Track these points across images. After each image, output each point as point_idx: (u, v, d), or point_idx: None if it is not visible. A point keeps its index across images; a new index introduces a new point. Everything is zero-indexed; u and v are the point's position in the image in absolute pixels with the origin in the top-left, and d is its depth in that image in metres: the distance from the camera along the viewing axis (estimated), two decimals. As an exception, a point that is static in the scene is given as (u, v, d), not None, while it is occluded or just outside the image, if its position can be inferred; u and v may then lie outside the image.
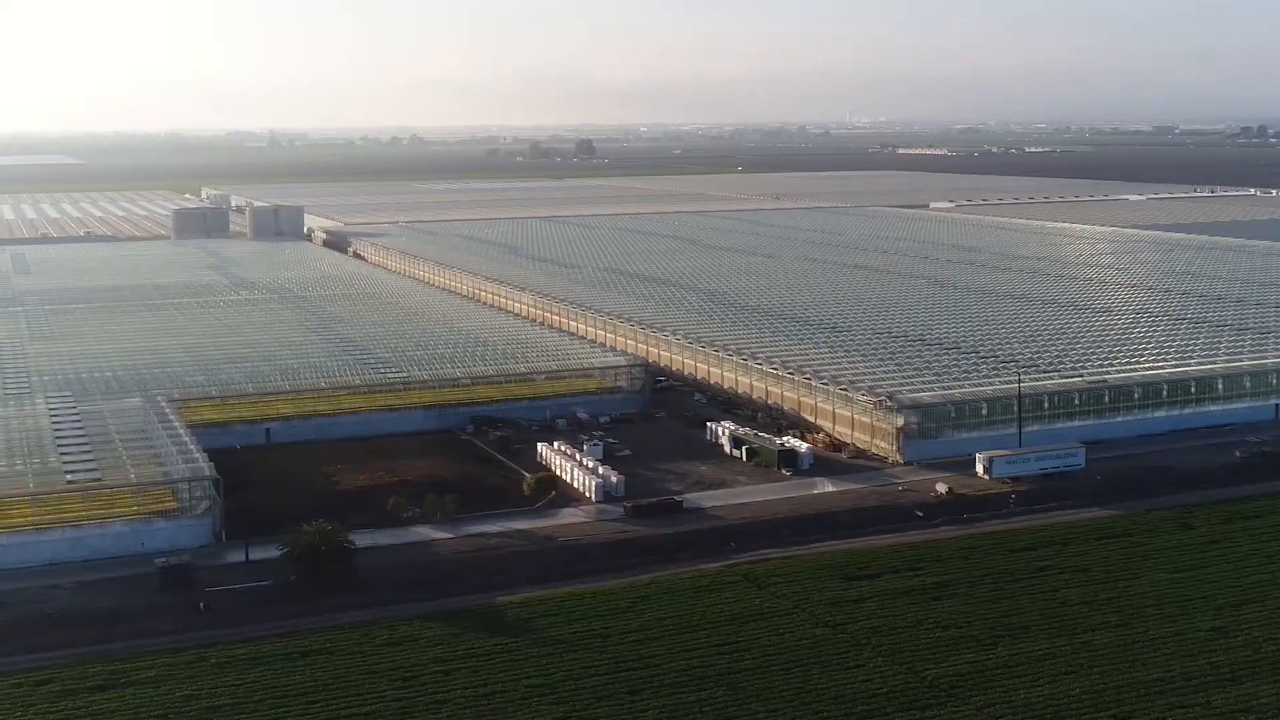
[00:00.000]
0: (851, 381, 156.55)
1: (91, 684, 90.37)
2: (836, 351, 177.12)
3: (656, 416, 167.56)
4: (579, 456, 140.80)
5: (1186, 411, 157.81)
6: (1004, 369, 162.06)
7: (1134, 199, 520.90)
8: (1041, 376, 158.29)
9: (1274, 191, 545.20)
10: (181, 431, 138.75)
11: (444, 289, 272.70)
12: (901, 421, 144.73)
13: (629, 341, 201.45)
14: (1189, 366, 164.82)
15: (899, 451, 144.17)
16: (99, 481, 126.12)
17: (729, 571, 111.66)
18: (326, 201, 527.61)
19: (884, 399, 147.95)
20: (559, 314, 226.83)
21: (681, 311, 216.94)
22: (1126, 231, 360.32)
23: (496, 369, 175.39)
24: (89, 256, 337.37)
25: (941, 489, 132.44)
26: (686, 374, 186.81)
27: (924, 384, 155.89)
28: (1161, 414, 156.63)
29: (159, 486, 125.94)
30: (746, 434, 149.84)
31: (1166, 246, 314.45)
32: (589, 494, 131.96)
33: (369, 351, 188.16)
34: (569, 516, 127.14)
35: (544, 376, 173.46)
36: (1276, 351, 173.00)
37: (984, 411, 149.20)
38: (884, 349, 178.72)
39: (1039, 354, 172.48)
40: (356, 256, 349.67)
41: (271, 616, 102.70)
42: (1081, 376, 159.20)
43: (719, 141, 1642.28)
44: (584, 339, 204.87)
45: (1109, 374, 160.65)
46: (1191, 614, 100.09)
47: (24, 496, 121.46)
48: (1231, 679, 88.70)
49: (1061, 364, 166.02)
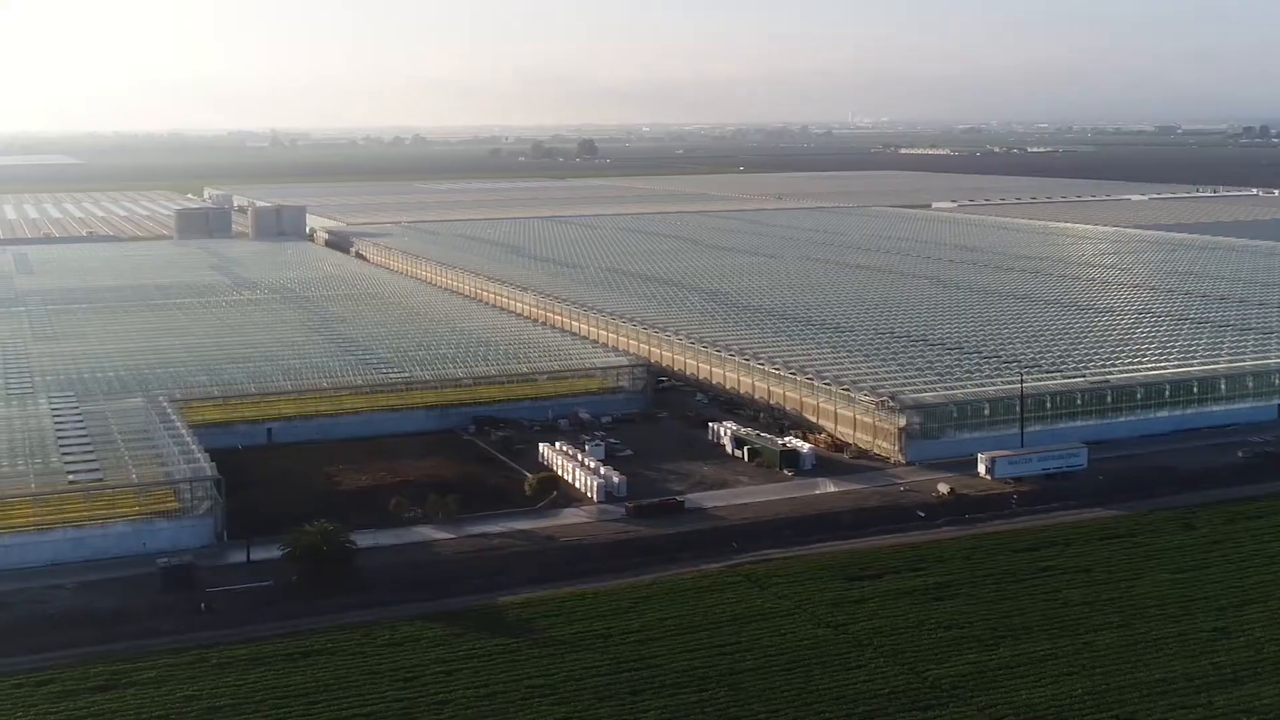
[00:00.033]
0: (853, 382, 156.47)
1: (93, 684, 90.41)
2: (839, 352, 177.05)
3: (658, 417, 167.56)
4: (581, 457, 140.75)
5: (1189, 412, 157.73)
6: (1006, 369, 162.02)
7: (1136, 199, 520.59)
8: (1044, 376, 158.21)
9: (1276, 191, 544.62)
10: (183, 431, 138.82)
11: (446, 289, 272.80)
12: (903, 422, 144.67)
13: (631, 342, 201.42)
14: (1191, 367, 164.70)
15: (901, 452, 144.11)
16: (101, 482, 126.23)
17: (731, 572, 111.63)
18: (329, 201, 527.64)
19: (886, 399, 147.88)
20: (561, 314, 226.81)
21: (683, 312, 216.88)
22: (1129, 231, 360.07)
23: (498, 369, 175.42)
24: (91, 256, 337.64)
25: (943, 489, 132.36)
26: (688, 374, 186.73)
27: (926, 384, 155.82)
28: (1164, 414, 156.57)
29: (161, 487, 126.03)
30: (748, 434, 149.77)
31: (1169, 246, 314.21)
32: (591, 494, 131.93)
33: (371, 352, 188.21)
34: (571, 517, 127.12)
35: (546, 377, 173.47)
36: (1279, 352, 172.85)
37: (986, 412, 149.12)
38: (886, 349, 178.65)
39: (1041, 354, 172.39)
40: (359, 257, 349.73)
41: (273, 617, 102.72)
42: (1084, 377, 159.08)
43: (721, 141, 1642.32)
44: (586, 339, 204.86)
45: (1111, 374, 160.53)
46: (1194, 614, 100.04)
47: (26, 496, 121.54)
48: (1234, 679, 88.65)
49: (1064, 364, 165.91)
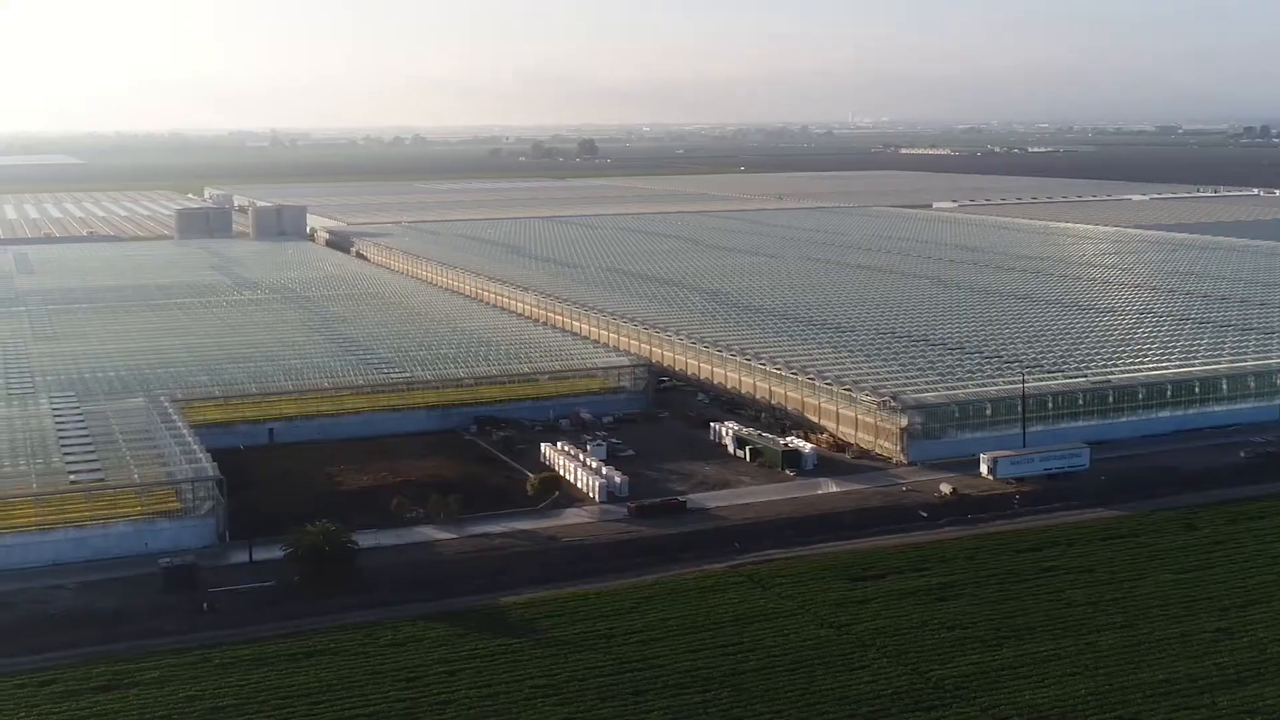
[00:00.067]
0: (855, 382, 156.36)
1: (95, 685, 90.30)
2: (840, 352, 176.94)
3: (660, 417, 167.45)
4: (582, 457, 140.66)
5: (1191, 412, 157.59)
6: (1008, 369, 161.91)
7: (1137, 199, 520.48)
8: (1045, 377, 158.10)
9: (1277, 191, 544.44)
10: (185, 431, 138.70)
11: (447, 289, 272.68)
12: (905, 422, 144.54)
13: (632, 342, 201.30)
14: (1193, 367, 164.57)
15: (903, 452, 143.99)
16: (102, 482, 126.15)
17: (733, 572, 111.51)
18: (329, 201, 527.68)
19: (888, 399, 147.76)
20: (562, 314, 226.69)
21: (685, 312, 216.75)
22: (1130, 231, 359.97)
23: (500, 369, 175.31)
24: (92, 256, 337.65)
25: (945, 489, 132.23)
26: (690, 374, 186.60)
27: (928, 384, 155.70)
28: (1166, 414, 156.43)
29: (162, 487, 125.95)
30: (750, 434, 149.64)
31: (1170, 246, 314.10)
32: (592, 494, 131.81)
33: (372, 351, 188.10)
34: (572, 517, 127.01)
35: (547, 377, 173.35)
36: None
37: (988, 412, 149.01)
38: (887, 349, 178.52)
39: (1043, 354, 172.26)
40: (359, 256, 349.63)
41: (275, 617, 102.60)
42: (1085, 377, 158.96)
43: (721, 141, 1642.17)
44: (587, 339, 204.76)
45: (1113, 374, 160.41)
46: (1197, 615, 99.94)
47: (27, 496, 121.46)
48: (1237, 680, 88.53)
49: (1065, 364, 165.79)
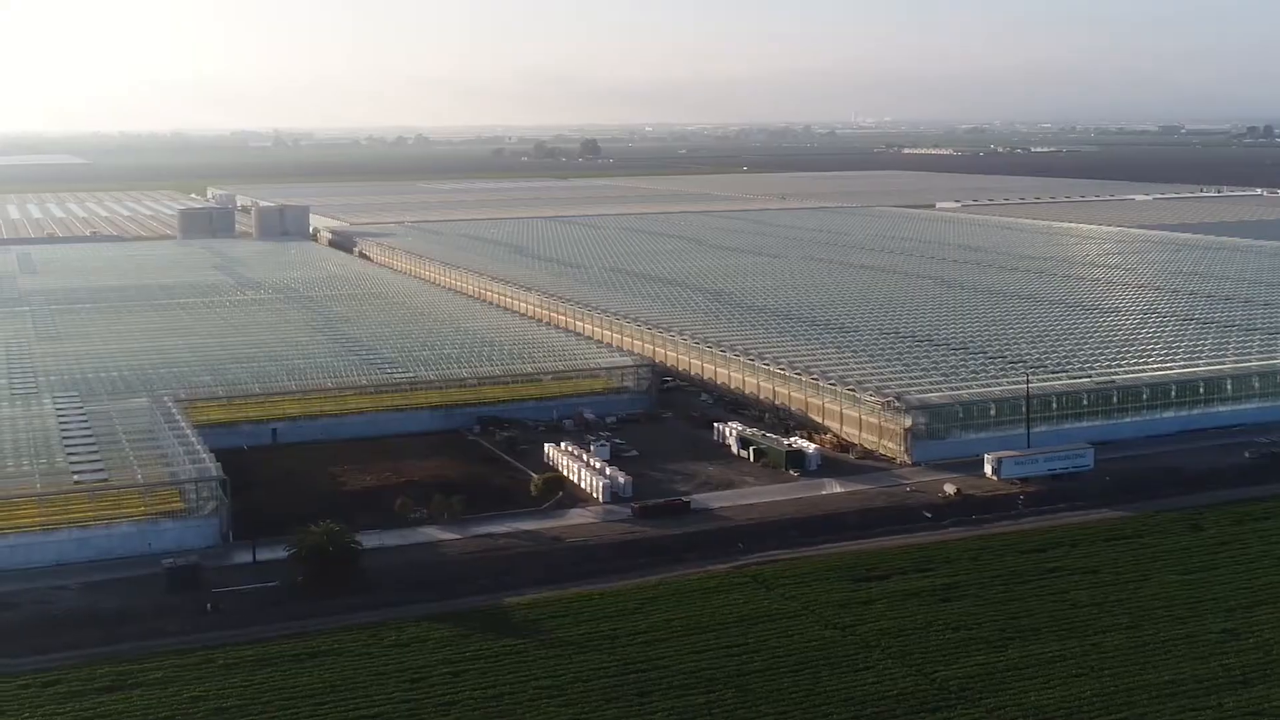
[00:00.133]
0: (859, 382, 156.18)
1: (99, 685, 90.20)
2: (844, 352, 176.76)
3: (663, 417, 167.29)
4: (586, 457, 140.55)
5: (1195, 412, 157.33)
6: (1012, 369, 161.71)
7: (1140, 199, 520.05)
8: (1049, 377, 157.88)
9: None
10: (188, 432, 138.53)
11: (450, 289, 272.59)
12: (909, 422, 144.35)
13: (635, 342, 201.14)
14: (1197, 367, 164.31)
15: (907, 452, 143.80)
16: (106, 482, 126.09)
17: (737, 573, 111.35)
18: (332, 201, 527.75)
19: (892, 399, 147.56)
20: (565, 314, 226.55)
21: (688, 312, 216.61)
22: (1133, 231, 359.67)
23: (503, 369, 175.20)
24: (95, 256, 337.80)
25: (950, 490, 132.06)
26: (693, 374, 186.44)
27: (932, 384, 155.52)
28: (1170, 414, 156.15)
29: (166, 487, 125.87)
30: (754, 434, 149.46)
31: (1173, 246, 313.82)
32: (596, 495, 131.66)
33: (375, 352, 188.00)
34: (576, 517, 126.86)
35: (550, 377, 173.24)
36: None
37: (992, 412, 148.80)
38: (891, 349, 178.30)
39: (1047, 354, 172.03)
40: (362, 256, 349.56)
41: (279, 617, 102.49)
42: (1089, 377, 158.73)
43: (724, 141, 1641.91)
44: (590, 339, 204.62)
45: (1117, 374, 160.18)
46: (1202, 616, 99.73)
47: (31, 497, 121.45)
48: (1243, 681, 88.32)
49: (1069, 364, 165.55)
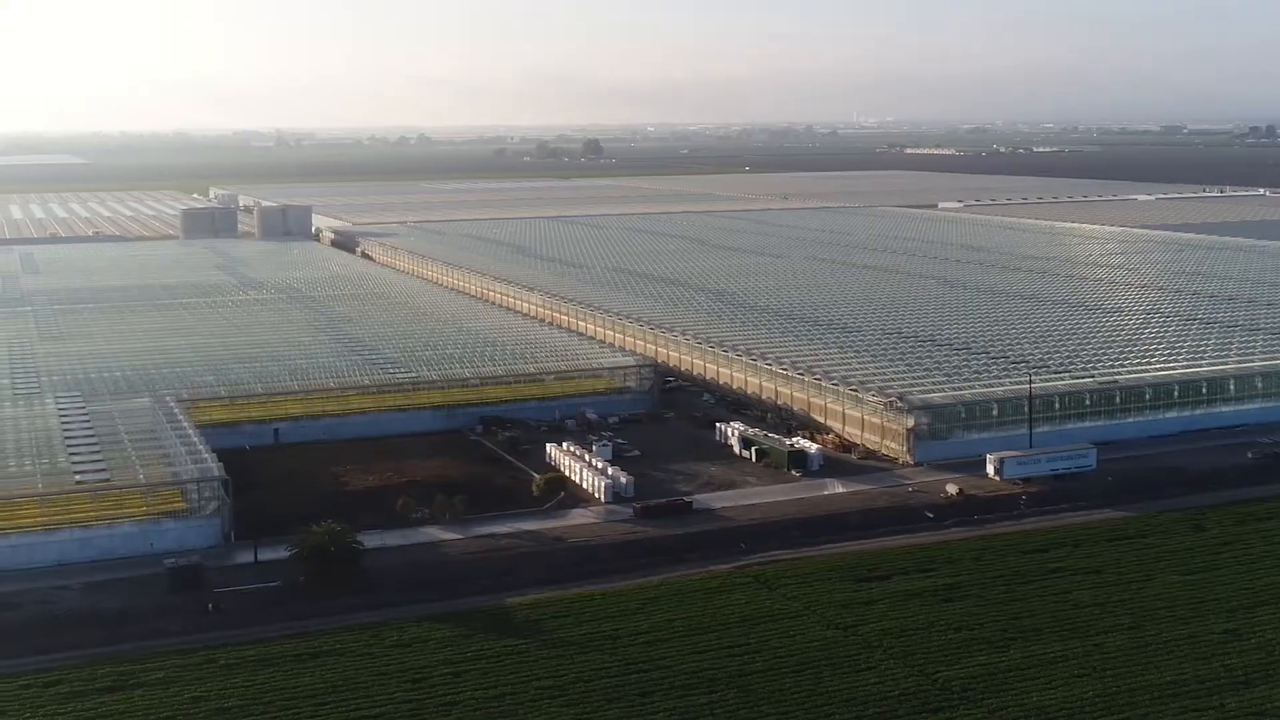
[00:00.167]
0: (861, 382, 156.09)
1: (100, 685, 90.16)
2: (846, 352, 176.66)
3: (665, 417, 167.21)
4: (588, 457, 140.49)
5: (1198, 412, 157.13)
6: (1014, 369, 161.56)
7: (1143, 199, 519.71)
8: (1052, 377, 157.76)
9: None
10: (190, 432, 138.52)
11: (452, 289, 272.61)
12: (912, 422, 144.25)
13: (638, 342, 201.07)
14: (1200, 367, 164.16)
15: (909, 452, 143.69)
16: (108, 482, 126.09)
17: (739, 573, 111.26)
18: (334, 201, 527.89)
19: (894, 400, 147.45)
20: (567, 314, 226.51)
21: (690, 312, 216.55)
22: (1136, 231, 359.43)
23: (505, 369, 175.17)
24: (97, 256, 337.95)
25: (952, 490, 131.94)
26: (695, 374, 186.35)
27: (934, 384, 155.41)
28: (1173, 415, 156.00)
29: (168, 487, 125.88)
30: (756, 435, 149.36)
31: (1176, 247, 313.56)
32: (598, 495, 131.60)
33: (378, 351, 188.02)
34: (578, 517, 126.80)
35: (553, 377, 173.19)
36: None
37: (994, 412, 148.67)
38: (894, 349, 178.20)
39: (1049, 354, 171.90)
40: (364, 256, 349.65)
41: (281, 617, 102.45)
42: (1092, 377, 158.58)
43: (726, 141, 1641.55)
44: (592, 339, 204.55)
45: (1120, 374, 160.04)
46: (1204, 616, 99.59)
47: (33, 497, 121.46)
48: (1245, 682, 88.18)
49: (1072, 364, 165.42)
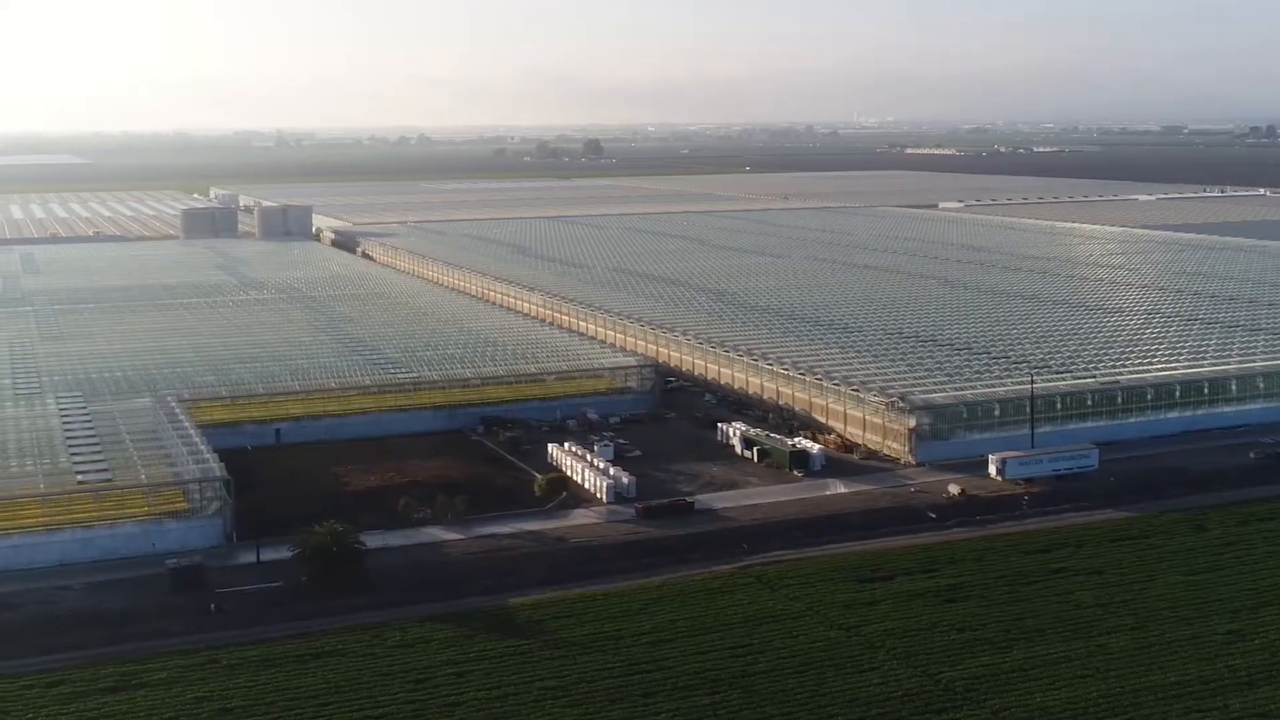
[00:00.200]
0: (863, 382, 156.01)
1: (102, 685, 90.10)
2: (848, 352, 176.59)
3: (667, 417, 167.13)
4: (590, 457, 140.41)
5: (1199, 413, 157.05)
6: (1016, 370, 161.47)
7: (1143, 199, 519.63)
8: (1054, 377, 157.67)
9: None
10: (192, 432, 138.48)
11: (453, 289, 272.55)
12: (913, 422, 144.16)
13: (639, 342, 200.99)
14: (1202, 367, 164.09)
15: (911, 452, 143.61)
16: (109, 482, 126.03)
17: (741, 573, 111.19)
18: (334, 201, 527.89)
19: (896, 400, 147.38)
20: (568, 314, 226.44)
21: (691, 312, 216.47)
22: (1137, 232, 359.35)
23: (506, 369, 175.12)
24: (98, 256, 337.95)
25: (954, 490, 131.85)
26: (697, 374, 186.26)
27: (936, 385, 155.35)
28: (1174, 415, 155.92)
29: (169, 487, 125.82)
30: (758, 435, 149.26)
31: (1177, 247, 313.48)
32: (600, 495, 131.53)
33: (378, 352, 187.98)
34: (580, 517, 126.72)
35: (554, 377, 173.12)
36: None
37: (996, 412, 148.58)
38: (895, 350, 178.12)
39: (1051, 354, 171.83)
40: (365, 256, 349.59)
41: (283, 618, 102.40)
42: (1094, 377, 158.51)
43: (727, 141, 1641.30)
44: (593, 339, 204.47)
45: (1121, 375, 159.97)
46: (1207, 617, 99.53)
47: (34, 497, 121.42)
48: (1249, 683, 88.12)
49: (1074, 365, 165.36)
